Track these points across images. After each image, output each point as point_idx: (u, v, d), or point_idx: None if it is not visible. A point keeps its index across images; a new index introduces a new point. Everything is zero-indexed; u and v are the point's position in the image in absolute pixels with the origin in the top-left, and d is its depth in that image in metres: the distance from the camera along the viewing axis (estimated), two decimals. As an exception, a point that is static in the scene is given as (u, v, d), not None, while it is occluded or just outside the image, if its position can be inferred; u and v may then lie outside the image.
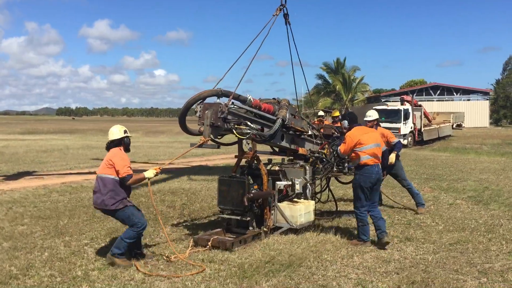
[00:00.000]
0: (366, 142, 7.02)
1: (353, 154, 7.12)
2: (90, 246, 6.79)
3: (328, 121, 16.36)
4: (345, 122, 7.42)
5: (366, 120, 8.64)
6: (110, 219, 8.38)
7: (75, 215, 8.75)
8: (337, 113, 15.30)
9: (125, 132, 6.28)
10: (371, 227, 7.06)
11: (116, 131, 6.25)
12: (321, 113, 16.77)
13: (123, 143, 6.28)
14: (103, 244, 6.87)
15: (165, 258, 6.17)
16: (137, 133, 50.77)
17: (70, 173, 15.15)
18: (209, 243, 6.60)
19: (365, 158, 6.97)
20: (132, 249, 6.13)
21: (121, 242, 5.94)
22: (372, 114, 8.82)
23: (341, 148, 7.33)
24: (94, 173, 13.87)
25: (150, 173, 6.16)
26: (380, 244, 6.75)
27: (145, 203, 10.07)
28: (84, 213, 8.89)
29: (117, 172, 5.98)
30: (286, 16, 8.55)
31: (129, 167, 6.06)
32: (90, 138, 40.19)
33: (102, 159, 6.39)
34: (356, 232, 7.24)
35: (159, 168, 6.29)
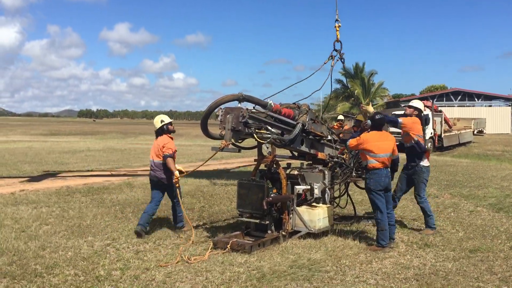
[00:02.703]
0: (378, 151, 7.08)
1: (363, 156, 7.30)
2: (113, 246, 6.92)
3: (347, 125, 16.32)
4: (369, 123, 7.39)
5: (408, 105, 8.46)
6: (131, 220, 8.58)
7: (97, 215, 8.93)
8: (361, 117, 15.06)
9: (161, 121, 7.82)
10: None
11: (156, 121, 7.89)
12: (340, 117, 16.71)
13: (165, 129, 7.78)
14: (124, 245, 7.00)
15: (185, 259, 6.26)
16: (156, 135, 51.24)
17: (92, 175, 15.40)
18: (228, 246, 6.68)
19: (373, 162, 7.08)
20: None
21: (147, 217, 7.60)
22: (416, 103, 8.43)
23: (351, 142, 7.40)
24: (114, 175, 14.07)
25: (177, 172, 7.46)
26: None
27: (165, 205, 10.20)
28: (106, 214, 9.06)
29: (163, 151, 7.52)
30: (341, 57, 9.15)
31: (171, 149, 7.56)
32: (111, 140, 40.71)
33: (123, 162, 6.57)
34: (375, 237, 7.25)
35: (185, 172, 7.71)
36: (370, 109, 8.54)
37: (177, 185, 7.66)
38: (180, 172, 7.59)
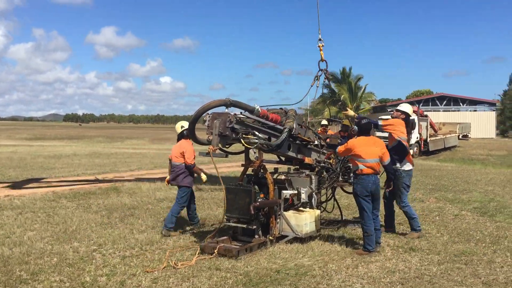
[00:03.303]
0: (366, 156, 7.07)
1: (352, 161, 7.33)
2: (99, 252, 6.88)
3: (331, 130, 16.35)
4: (356, 129, 7.45)
5: (395, 109, 8.53)
6: (118, 225, 8.55)
7: (83, 221, 8.86)
8: (347, 122, 15.03)
9: (181, 127, 8.45)
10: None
11: (177, 127, 8.56)
12: (324, 122, 16.75)
13: (184, 134, 8.32)
14: (111, 251, 6.96)
15: (172, 265, 6.25)
16: (143, 140, 51.06)
17: (78, 180, 15.28)
18: (216, 251, 6.69)
19: (362, 167, 7.07)
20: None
21: (172, 218, 8.06)
22: (403, 106, 8.43)
23: (339, 148, 7.53)
24: (100, 180, 13.98)
25: (204, 177, 8.52)
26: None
27: (151, 210, 10.18)
28: (92, 220, 9.00)
29: (185, 161, 8.22)
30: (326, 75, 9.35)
31: (191, 157, 8.27)
32: (97, 145, 40.44)
33: (109, 167, 6.56)
34: (361, 241, 7.30)
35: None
36: (351, 113, 8.75)
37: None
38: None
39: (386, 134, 8.25)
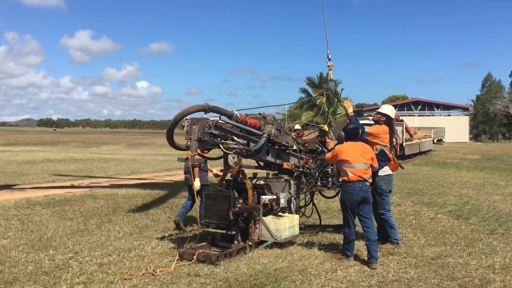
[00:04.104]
0: (354, 161, 6.88)
1: (340, 167, 7.09)
2: (75, 260, 6.76)
3: (305, 136, 16.41)
4: (343, 134, 7.43)
5: (377, 111, 8.19)
6: (94, 233, 8.42)
7: (59, 228, 8.70)
8: (326, 127, 15.01)
9: None
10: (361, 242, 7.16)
11: None
12: (297, 126, 16.83)
13: None
14: (87, 258, 6.85)
15: (150, 271, 6.18)
16: (120, 145, 50.48)
17: (53, 186, 15.01)
18: (195, 257, 6.64)
19: (348, 174, 6.86)
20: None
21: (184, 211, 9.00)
22: (384, 108, 8.10)
23: (327, 155, 7.49)
24: (76, 186, 13.71)
25: (197, 180, 8.56)
26: (368, 265, 6.69)
27: (129, 216, 10.06)
28: (68, 227, 8.84)
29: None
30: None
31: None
32: (72, 150, 39.80)
33: (85, 173, 6.48)
34: (340, 246, 7.35)
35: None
36: (350, 108, 8.15)
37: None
38: (216, 175, 9.20)
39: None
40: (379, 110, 8.16)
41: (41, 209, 10.68)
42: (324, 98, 9.27)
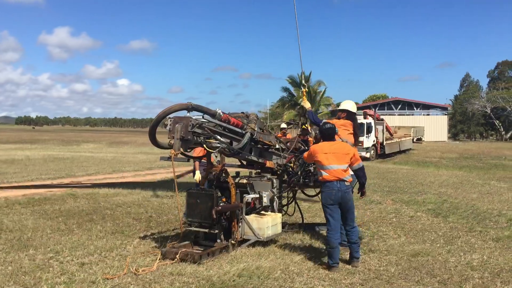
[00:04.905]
0: (328, 162, 6.62)
1: (317, 167, 6.93)
2: (56, 260, 6.68)
3: (290, 134, 16.52)
4: (318, 134, 7.41)
5: (337, 109, 8.13)
6: (75, 232, 8.33)
7: (39, 228, 8.58)
8: (308, 126, 15.12)
9: None
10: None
11: None
12: (283, 125, 16.91)
13: None
14: (68, 258, 6.77)
15: (132, 271, 6.15)
16: (100, 143, 49.97)
17: (32, 185, 14.79)
18: (177, 256, 6.62)
19: (324, 174, 6.64)
20: None
21: None
22: (344, 104, 7.91)
23: (304, 155, 7.34)
24: (57, 186, 13.53)
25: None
26: (350, 264, 6.67)
27: (110, 215, 9.98)
28: (48, 226, 8.73)
29: None
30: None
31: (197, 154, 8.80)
32: (52, 148, 39.24)
33: (65, 171, 6.40)
34: (322, 243, 7.40)
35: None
36: (307, 104, 8.38)
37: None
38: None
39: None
40: (339, 107, 8.07)
41: (21, 208, 10.52)
42: (305, 97, 9.22)
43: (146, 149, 37.22)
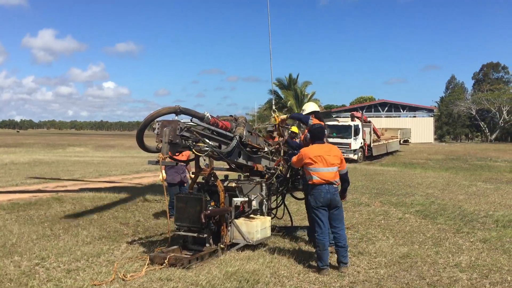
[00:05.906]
0: (319, 165, 6.62)
1: (306, 171, 6.86)
2: (42, 266, 6.56)
3: (276, 138, 16.42)
4: (308, 136, 7.40)
5: (306, 114, 8.40)
6: (61, 237, 8.20)
7: (24, 233, 8.43)
8: (295, 128, 15.10)
9: None
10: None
11: None
12: (270, 128, 16.86)
13: None
14: (55, 264, 6.66)
15: (120, 277, 6.07)
16: (87, 147, 49.53)
17: (17, 190, 14.57)
18: (166, 261, 6.55)
19: (313, 178, 6.62)
20: None
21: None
22: (307, 107, 8.50)
23: (294, 159, 7.15)
24: (42, 190, 13.33)
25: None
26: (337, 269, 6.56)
27: (97, 220, 9.87)
28: (34, 232, 8.58)
29: None
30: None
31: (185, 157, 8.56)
32: (37, 152, 38.78)
33: (51, 175, 6.29)
34: (311, 246, 7.39)
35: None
36: (282, 116, 9.02)
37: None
38: None
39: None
40: (306, 112, 8.55)
41: (5, 214, 10.34)
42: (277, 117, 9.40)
43: (133, 153, 36.96)
